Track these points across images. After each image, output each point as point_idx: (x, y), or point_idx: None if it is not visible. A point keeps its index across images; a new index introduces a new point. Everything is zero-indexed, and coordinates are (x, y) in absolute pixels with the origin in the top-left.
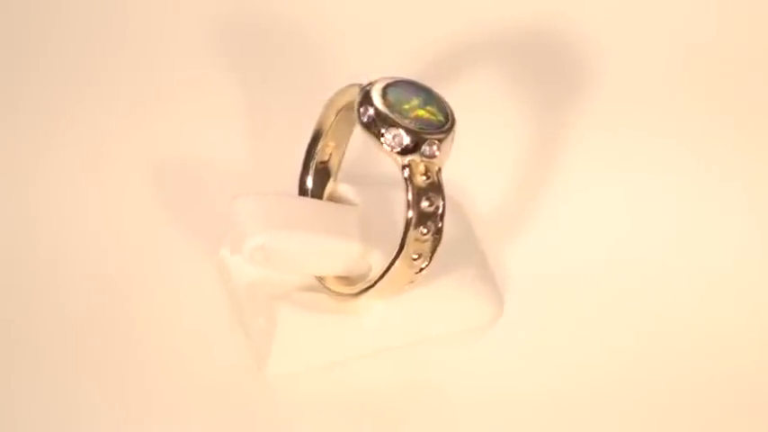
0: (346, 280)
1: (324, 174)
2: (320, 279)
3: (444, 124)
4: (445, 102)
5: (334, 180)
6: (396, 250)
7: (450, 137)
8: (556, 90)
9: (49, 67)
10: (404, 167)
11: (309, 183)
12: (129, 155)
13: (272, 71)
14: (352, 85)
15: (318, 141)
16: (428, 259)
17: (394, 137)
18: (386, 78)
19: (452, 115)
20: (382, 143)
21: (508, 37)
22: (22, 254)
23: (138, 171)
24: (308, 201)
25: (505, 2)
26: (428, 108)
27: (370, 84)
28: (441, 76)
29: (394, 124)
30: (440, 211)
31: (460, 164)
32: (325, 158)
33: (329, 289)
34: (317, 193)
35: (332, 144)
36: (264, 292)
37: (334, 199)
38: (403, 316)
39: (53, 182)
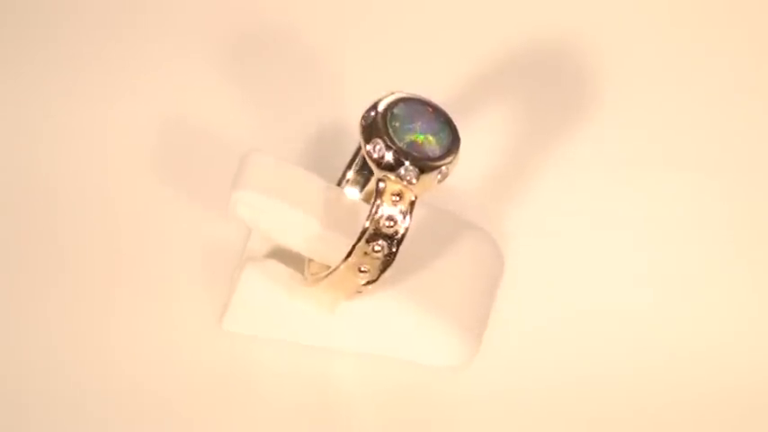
0: (327, 269)
1: (369, 170)
2: (309, 259)
3: (436, 158)
4: (456, 139)
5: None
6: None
7: (435, 171)
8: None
9: (67, 27)
10: (378, 180)
11: (349, 175)
12: (136, 115)
13: (284, 50)
14: (391, 92)
15: None
16: (375, 276)
17: (377, 147)
18: (406, 94)
19: (453, 154)
20: (366, 149)
21: (516, 50)
22: (24, 214)
23: (144, 130)
24: (321, 183)
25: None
26: (429, 136)
27: (390, 93)
28: (446, 86)
29: (381, 136)
30: (398, 236)
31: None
32: None
33: (302, 270)
34: (357, 186)
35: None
36: (254, 251)
37: (368, 196)
38: (361, 325)
39: (59, 136)
